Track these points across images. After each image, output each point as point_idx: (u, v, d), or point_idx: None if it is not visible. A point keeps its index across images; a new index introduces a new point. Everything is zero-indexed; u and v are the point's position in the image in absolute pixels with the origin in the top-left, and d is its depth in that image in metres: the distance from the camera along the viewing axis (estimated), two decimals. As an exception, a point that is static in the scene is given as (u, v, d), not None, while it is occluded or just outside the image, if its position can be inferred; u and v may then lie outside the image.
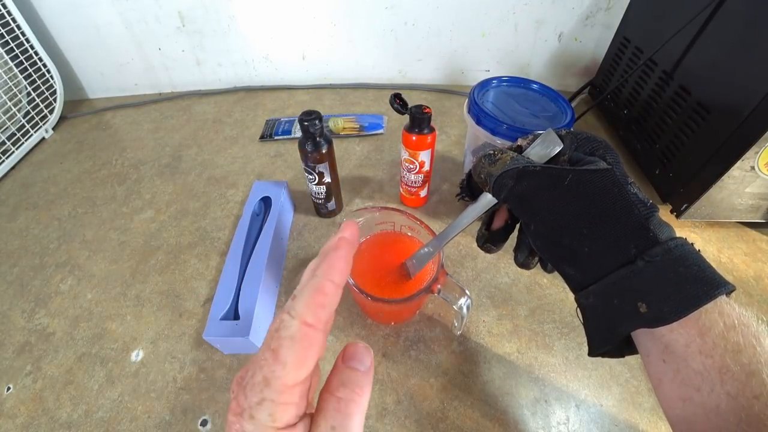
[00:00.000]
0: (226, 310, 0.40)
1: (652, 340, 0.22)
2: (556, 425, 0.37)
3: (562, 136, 0.27)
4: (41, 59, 0.73)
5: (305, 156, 0.48)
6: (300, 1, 0.77)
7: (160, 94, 0.88)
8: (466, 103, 0.50)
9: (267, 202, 0.52)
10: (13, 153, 0.68)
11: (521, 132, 0.42)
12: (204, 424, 0.37)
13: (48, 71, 0.74)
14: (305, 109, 0.45)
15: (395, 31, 0.82)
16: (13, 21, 0.68)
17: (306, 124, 0.44)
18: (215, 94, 0.87)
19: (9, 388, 0.40)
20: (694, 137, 0.51)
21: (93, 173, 0.67)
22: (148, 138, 0.74)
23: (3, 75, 0.66)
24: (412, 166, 0.51)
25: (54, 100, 0.76)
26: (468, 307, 0.36)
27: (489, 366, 0.41)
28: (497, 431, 0.37)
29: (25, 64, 0.70)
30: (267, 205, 0.52)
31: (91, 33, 0.78)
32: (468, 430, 0.37)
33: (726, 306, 0.20)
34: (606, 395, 0.39)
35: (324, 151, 0.47)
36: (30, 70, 0.71)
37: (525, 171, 0.26)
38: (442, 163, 0.65)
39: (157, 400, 0.39)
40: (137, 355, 0.42)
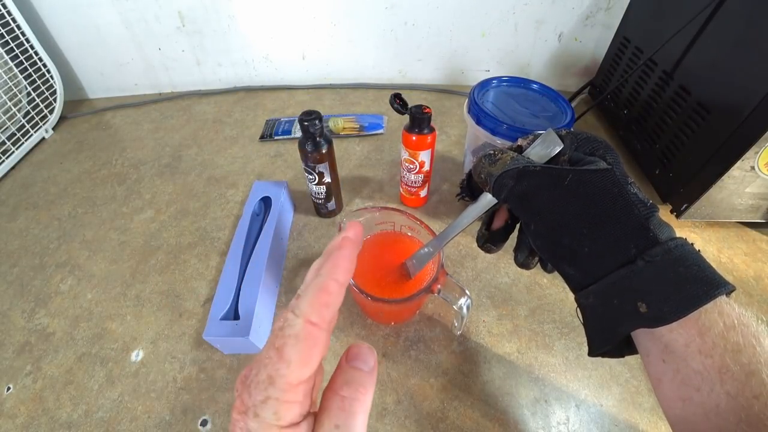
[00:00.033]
0: (226, 310, 0.40)
1: (651, 340, 0.22)
2: (556, 425, 0.37)
3: (562, 136, 0.27)
4: (41, 59, 0.73)
5: (305, 156, 0.48)
6: (300, 1, 0.77)
7: (160, 94, 0.88)
8: (466, 103, 0.50)
9: (267, 202, 0.52)
10: (13, 153, 0.68)
11: (521, 132, 0.42)
12: (204, 424, 0.37)
13: (48, 71, 0.74)
14: (305, 109, 0.46)
15: (395, 31, 0.82)
16: (13, 21, 0.68)
17: (306, 124, 0.44)
18: (215, 94, 0.87)
19: (9, 388, 0.40)
20: (694, 137, 0.51)
21: (93, 173, 0.67)
22: (148, 138, 0.74)
23: (3, 75, 0.66)
24: (412, 166, 0.51)
25: (54, 100, 0.76)
26: (468, 307, 0.36)
27: (489, 366, 0.41)
28: (497, 431, 0.37)
29: (25, 64, 0.70)
30: (267, 205, 0.52)
31: (91, 33, 0.78)
32: (468, 430, 0.37)
33: (726, 306, 0.20)
34: (606, 395, 0.39)
35: (324, 151, 0.47)
36: (30, 70, 0.71)
37: (525, 171, 0.26)
38: (442, 163, 0.65)
39: (157, 400, 0.39)
40: (137, 355, 0.42)
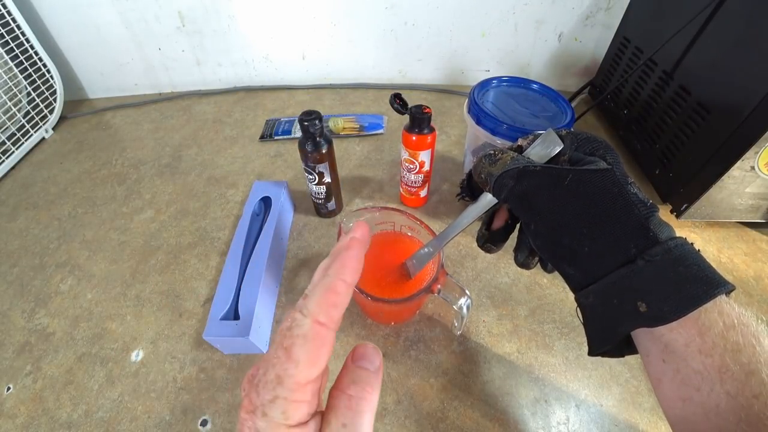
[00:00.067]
0: (226, 310, 0.40)
1: (651, 339, 0.22)
2: (556, 425, 0.37)
3: (562, 136, 0.27)
4: (41, 59, 0.73)
5: (305, 156, 0.48)
6: (300, 1, 0.77)
7: (160, 94, 0.88)
8: (466, 103, 0.50)
9: (267, 202, 0.52)
10: (13, 153, 0.68)
11: (521, 132, 0.42)
12: (204, 424, 0.37)
13: (48, 71, 0.74)
14: (305, 109, 0.46)
15: (395, 31, 0.82)
16: (13, 21, 0.68)
17: (306, 124, 0.44)
18: (215, 94, 0.87)
19: (9, 388, 0.40)
20: (694, 137, 0.51)
21: (93, 173, 0.67)
22: (148, 138, 0.74)
23: (3, 75, 0.66)
24: (412, 166, 0.51)
25: (54, 100, 0.76)
26: (468, 307, 0.36)
27: (489, 366, 0.41)
28: (497, 431, 0.37)
29: (25, 64, 0.70)
30: (267, 205, 0.52)
31: (91, 33, 0.78)
32: (468, 430, 0.37)
33: (726, 305, 0.20)
34: (606, 395, 0.39)
35: (324, 151, 0.47)
36: (30, 70, 0.71)
37: (525, 171, 0.26)
38: (442, 163, 0.65)
39: (157, 400, 0.39)
40: (137, 355, 0.42)
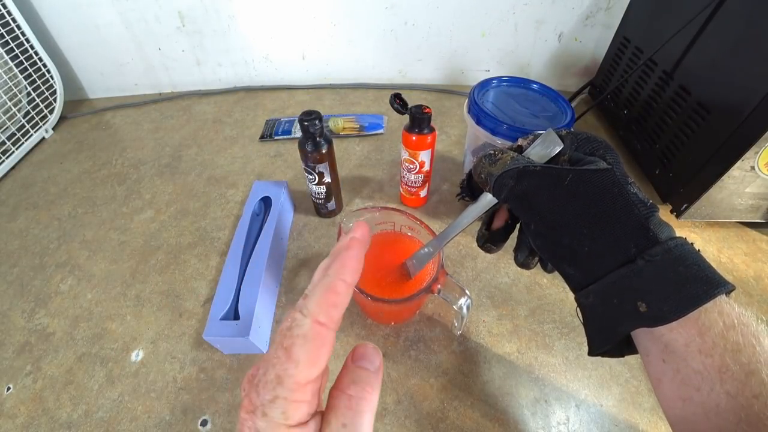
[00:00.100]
0: (226, 310, 0.40)
1: (651, 339, 0.22)
2: (556, 425, 0.37)
3: (562, 136, 0.27)
4: (41, 59, 0.73)
5: (305, 156, 0.48)
6: (300, 1, 0.77)
7: (160, 94, 0.88)
8: (466, 103, 0.50)
9: (267, 202, 0.52)
10: (13, 153, 0.68)
11: (521, 132, 0.42)
12: (204, 424, 0.37)
13: (48, 71, 0.75)
14: (305, 109, 0.46)
15: (395, 31, 0.82)
16: (13, 21, 0.68)
17: (306, 124, 0.44)
18: (215, 94, 0.87)
19: (9, 388, 0.40)
20: (694, 137, 0.51)
21: (93, 173, 0.67)
22: (148, 138, 0.74)
23: (3, 75, 0.66)
24: (412, 166, 0.51)
25: (54, 100, 0.76)
26: (468, 307, 0.36)
27: (489, 366, 0.41)
28: (497, 431, 0.37)
29: (25, 64, 0.70)
30: (267, 205, 0.52)
31: (91, 33, 0.78)
32: (468, 430, 0.37)
33: (726, 305, 0.20)
34: (606, 395, 0.39)
35: (324, 151, 0.47)
36: (30, 70, 0.71)
37: (525, 171, 0.26)
38: (442, 163, 0.65)
39: (157, 400, 0.39)
40: (137, 355, 0.42)
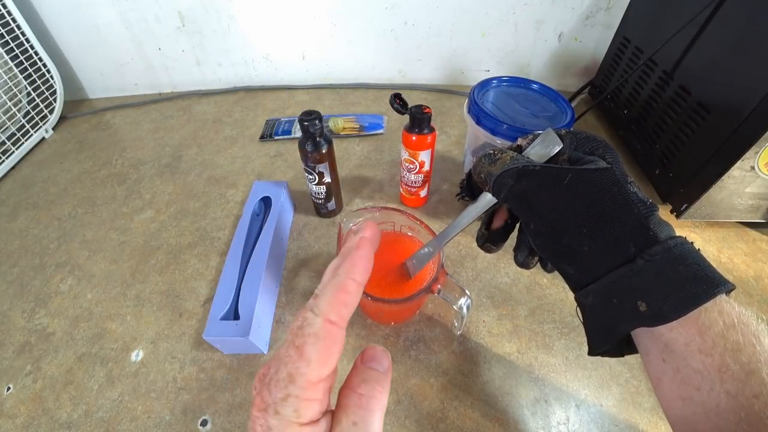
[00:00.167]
0: (226, 310, 0.40)
1: (651, 339, 0.22)
2: (556, 425, 0.37)
3: (561, 135, 0.27)
4: (41, 59, 0.73)
5: (305, 156, 0.48)
6: (300, 1, 0.77)
7: (160, 94, 0.88)
8: (466, 103, 0.50)
9: (267, 202, 0.52)
10: (13, 153, 0.68)
11: (521, 132, 0.42)
12: (204, 424, 0.37)
13: (48, 71, 0.75)
14: (305, 109, 0.46)
15: (395, 31, 0.82)
16: (13, 21, 0.68)
17: (306, 124, 0.44)
18: (215, 94, 0.87)
19: (9, 388, 0.40)
20: (694, 137, 0.51)
21: (93, 173, 0.67)
22: (148, 138, 0.74)
23: (3, 75, 0.66)
24: (412, 166, 0.51)
25: (54, 100, 0.77)
26: (468, 307, 0.36)
27: (489, 366, 0.41)
28: (497, 431, 0.37)
29: (25, 64, 0.70)
30: (267, 205, 0.52)
31: (91, 33, 0.78)
32: (468, 430, 0.37)
33: (726, 305, 0.20)
34: (606, 395, 0.39)
35: (324, 151, 0.47)
36: (30, 70, 0.71)
37: (525, 170, 0.26)
38: (442, 163, 0.65)
39: (157, 400, 0.39)
40: (137, 355, 0.42)
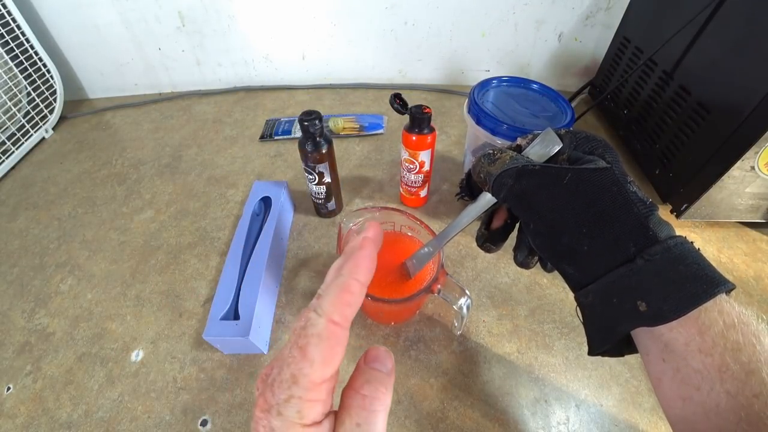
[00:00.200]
0: (226, 310, 0.40)
1: (651, 338, 0.22)
2: (556, 425, 0.37)
3: (561, 135, 0.27)
4: (41, 59, 0.73)
5: (305, 156, 0.48)
6: (300, 1, 0.77)
7: (160, 94, 0.88)
8: (466, 103, 0.50)
9: (267, 202, 0.52)
10: (13, 153, 0.68)
11: (521, 132, 0.42)
12: (204, 424, 0.37)
13: (48, 71, 0.75)
14: (305, 109, 0.46)
15: (395, 31, 0.82)
16: (13, 21, 0.68)
17: (306, 124, 0.44)
18: (215, 94, 0.87)
19: (9, 388, 0.40)
20: (694, 137, 0.51)
21: (93, 173, 0.67)
22: (148, 138, 0.74)
23: (3, 75, 0.67)
24: (412, 166, 0.51)
25: (54, 100, 0.77)
26: (468, 307, 0.36)
27: (489, 366, 0.41)
28: (497, 431, 0.37)
29: (25, 64, 0.70)
30: (267, 205, 0.52)
31: (91, 33, 0.78)
32: (468, 430, 0.37)
33: (726, 304, 0.20)
34: (606, 395, 0.39)
35: (324, 151, 0.47)
36: (30, 70, 0.71)
37: (524, 170, 0.26)
38: (442, 163, 0.65)
39: (157, 400, 0.39)
40: (137, 355, 0.42)
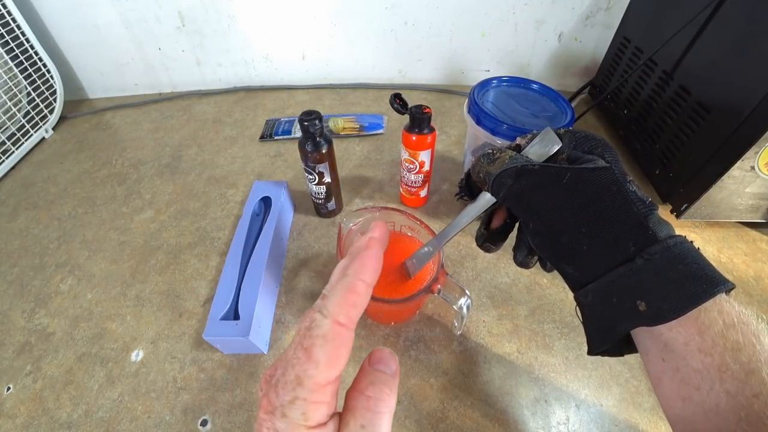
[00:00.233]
0: (226, 310, 0.40)
1: (651, 338, 0.22)
2: (556, 425, 0.37)
3: (560, 134, 0.27)
4: (41, 59, 0.73)
5: (305, 156, 0.48)
6: (300, 1, 0.77)
7: (160, 94, 0.88)
8: (466, 103, 0.50)
9: (267, 202, 0.52)
10: (13, 153, 0.68)
11: (521, 132, 0.42)
12: (204, 424, 0.37)
13: (48, 71, 0.75)
14: (305, 109, 0.46)
15: (395, 31, 0.82)
16: (13, 21, 0.68)
17: (306, 124, 0.44)
18: (215, 94, 0.87)
19: (9, 388, 0.40)
20: (694, 137, 0.51)
21: (93, 173, 0.67)
22: (148, 138, 0.74)
23: (3, 75, 0.67)
24: (412, 166, 0.51)
25: (54, 100, 0.77)
26: (468, 307, 0.36)
27: (489, 366, 0.41)
28: (497, 431, 0.37)
29: (25, 64, 0.70)
30: (267, 205, 0.52)
31: (91, 33, 0.78)
32: (468, 430, 0.37)
33: (725, 304, 0.20)
34: (606, 395, 0.39)
35: (324, 151, 0.47)
36: (30, 70, 0.71)
37: (523, 170, 0.26)
38: (442, 163, 0.65)
39: (157, 400, 0.39)
40: (137, 355, 0.42)
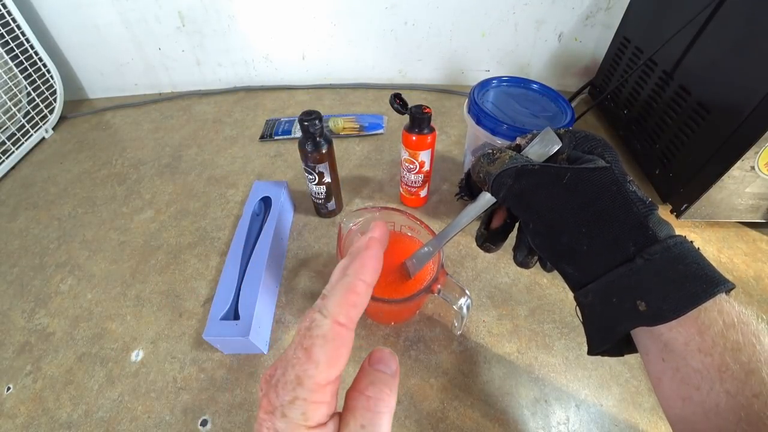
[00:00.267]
0: (226, 310, 0.40)
1: (651, 338, 0.22)
2: (556, 425, 0.37)
3: (560, 134, 0.27)
4: (41, 59, 0.73)
5: (305, 156, 0.48)
6: (300, 1, 0.77)
7: (160, 94, 0.88)
8: (466, 103, 0.50)
9: (267, 202, 0.52)
10: (13, 153, 0.68)
11: (521, 132, 0.42)
12: (204, 424, 0.37)
13: (48, 71, 0.75)
14: (305, 109, 0.46)
15: (395, 31, 0.82)
16: (13, 21, 0.68)
17: (306, 124, 0.44)
18: (215, 94, 0.87)
19: (9, 388, 0.40)
20: (694, 137, 0.51)
21: (93, 173, 0.67)
22: (148, 138, 0.74)
23: (3, 75, 0.67)
24: (412, 166, 0.51)
25: (54, 100, 0.77)
26: (468, 307, 0.36)
27: (489, 366, 0.41)
28: (497, 431, 0.37)
29: (25, 64, 0.70)
30: (267, 205, 0.52)
31: (91, 33, 0.78)
32: (468, 430, 0.37)
33: (725, 304, 0.20)
34: (606, 395, 0.39)
35: (324, 151, 0.47)
36: (30, 70, 0.71)
37: (523, 170, 0.26)
38: (442, 163, 0.65)
39: (157, 400, 0.39)
40: (137, 355, 0.42)
